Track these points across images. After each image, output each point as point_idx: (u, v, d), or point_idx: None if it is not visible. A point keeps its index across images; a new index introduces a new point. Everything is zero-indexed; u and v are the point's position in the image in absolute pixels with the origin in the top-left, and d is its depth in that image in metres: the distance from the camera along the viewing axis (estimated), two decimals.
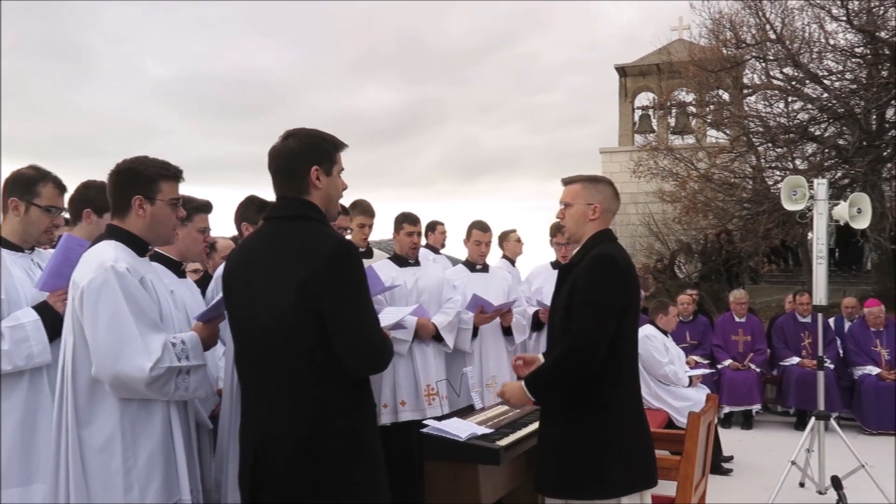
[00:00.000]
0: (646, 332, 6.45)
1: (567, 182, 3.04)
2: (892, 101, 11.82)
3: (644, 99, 19.21)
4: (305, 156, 2.35)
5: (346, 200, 5.04)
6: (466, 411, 3.72)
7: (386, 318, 3.79)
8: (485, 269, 5.48)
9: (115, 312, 2.34)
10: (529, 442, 3.22)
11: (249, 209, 3.68)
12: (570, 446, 2.81)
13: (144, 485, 2.38)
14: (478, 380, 5.02)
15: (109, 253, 2.44)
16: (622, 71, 19.05)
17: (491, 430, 3.19)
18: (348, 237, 4.78)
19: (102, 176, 2.62)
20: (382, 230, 6.10)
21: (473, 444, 3.01)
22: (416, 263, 4.88)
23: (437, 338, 4.64)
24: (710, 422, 3.96)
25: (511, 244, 6.59)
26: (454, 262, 6.41)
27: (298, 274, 2.20)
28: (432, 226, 7.06)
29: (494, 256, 6.22)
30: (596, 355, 2.71)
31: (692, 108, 16.39)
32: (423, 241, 6.26)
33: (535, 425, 3.30)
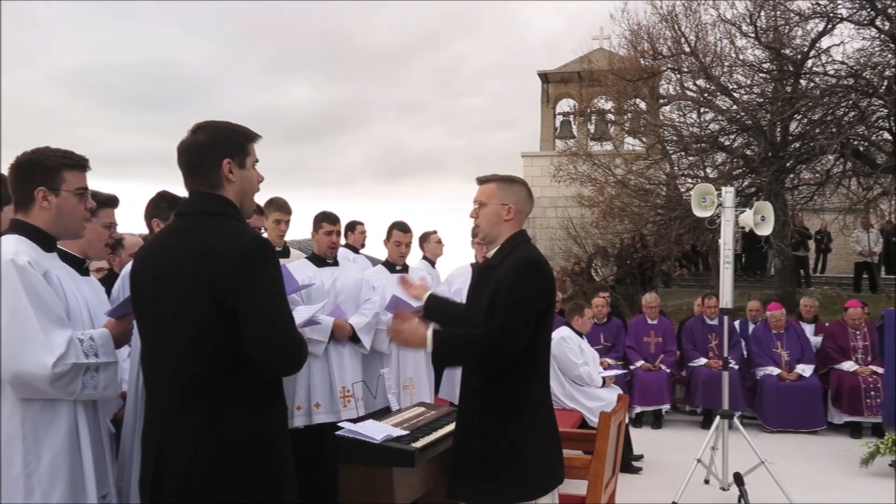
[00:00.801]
0: (562, 333, 6.57)
1: (482, 181, 2.99)
2: (796, 115, 12.46)
3: (565, 105, 19.68)
4: (216, 149, 2.27)
5: (264, 198, 4.94)
6: (382, 413, 3.70)
7: (299, 317, 3.72)
8: (404, 269, 5.46)
9: (15, 307, 2.23)
10: (445, 444, 3.21)
11: (160, 205, 3.55)
12: (489, 449, 2.77)
13: (47, 489, 2.28)
14: (395, 381, 5.00)
15: (10, 246, 2.32)
16: (544, 77, 19.41)
17: (406, 432, 3.18)
18: (264, 235, 4.68)
19: (3, 169, 2.50)
20: (302, 230, 6.00)
21: (388, 447, 2.99)
22: (335, 263, 4.81)
23: (354, 339, 4.59)
24: (621, 421, 4.06)
25: (431, 245, 6.61)
26: (374, 262, 6.37)
27: (209, 272, 2.13)
28: (352, 226, 7.01)
29: (415, 257, 6.23)
30: (510, 352, 2.71)
31: (611, 116, 16.88)
32: (343, 241, 6.21)
33: (451, 427, 3.30)
